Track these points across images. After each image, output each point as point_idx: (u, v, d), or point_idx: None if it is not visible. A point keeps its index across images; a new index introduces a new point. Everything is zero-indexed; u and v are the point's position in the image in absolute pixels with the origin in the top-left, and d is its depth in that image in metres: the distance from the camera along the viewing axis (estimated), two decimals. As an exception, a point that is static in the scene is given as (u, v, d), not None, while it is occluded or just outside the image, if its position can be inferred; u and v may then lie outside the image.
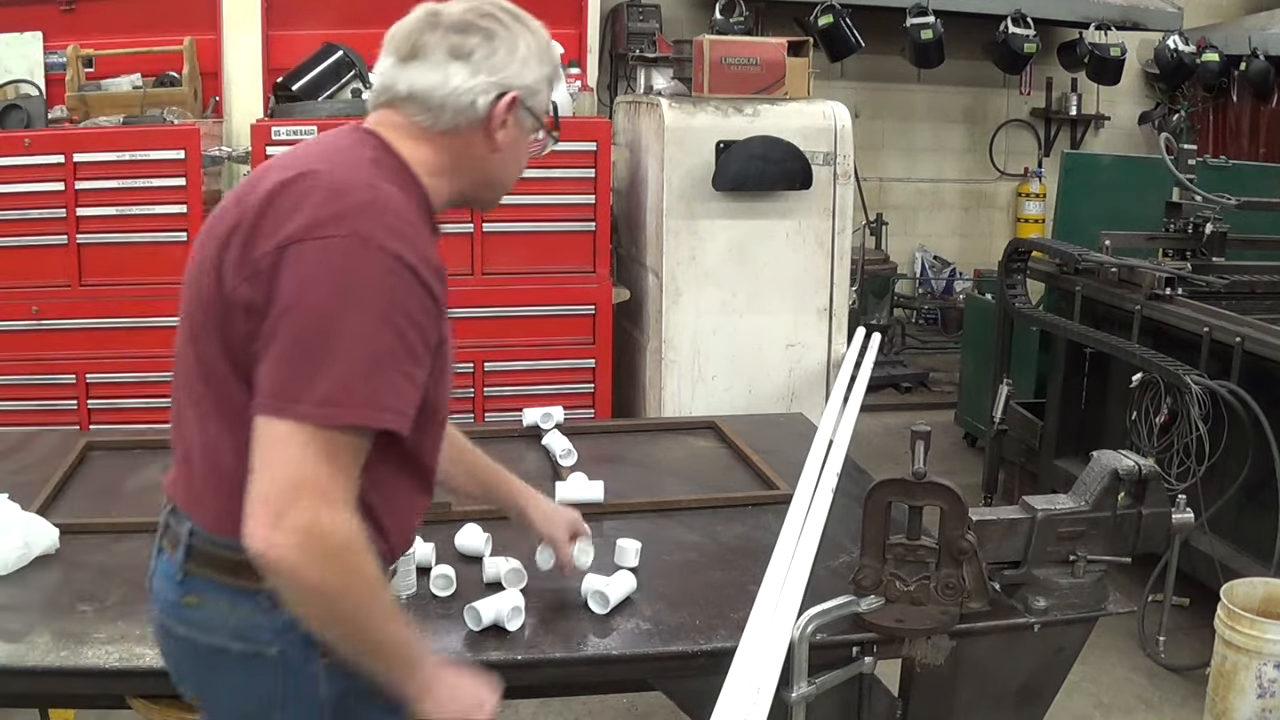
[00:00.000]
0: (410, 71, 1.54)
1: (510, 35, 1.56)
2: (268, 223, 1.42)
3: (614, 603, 2.07)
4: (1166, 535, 2.18)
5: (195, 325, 1.51)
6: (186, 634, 1.56)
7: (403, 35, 1.56)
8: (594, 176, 4.59)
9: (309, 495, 1.36)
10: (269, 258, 1.40)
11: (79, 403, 4.38)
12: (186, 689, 1.65)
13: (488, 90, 1.54)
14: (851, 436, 2.89)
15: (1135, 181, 5.52)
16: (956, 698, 2.12)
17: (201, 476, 1.53)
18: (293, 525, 1.35)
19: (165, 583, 1.59)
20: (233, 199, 1.54)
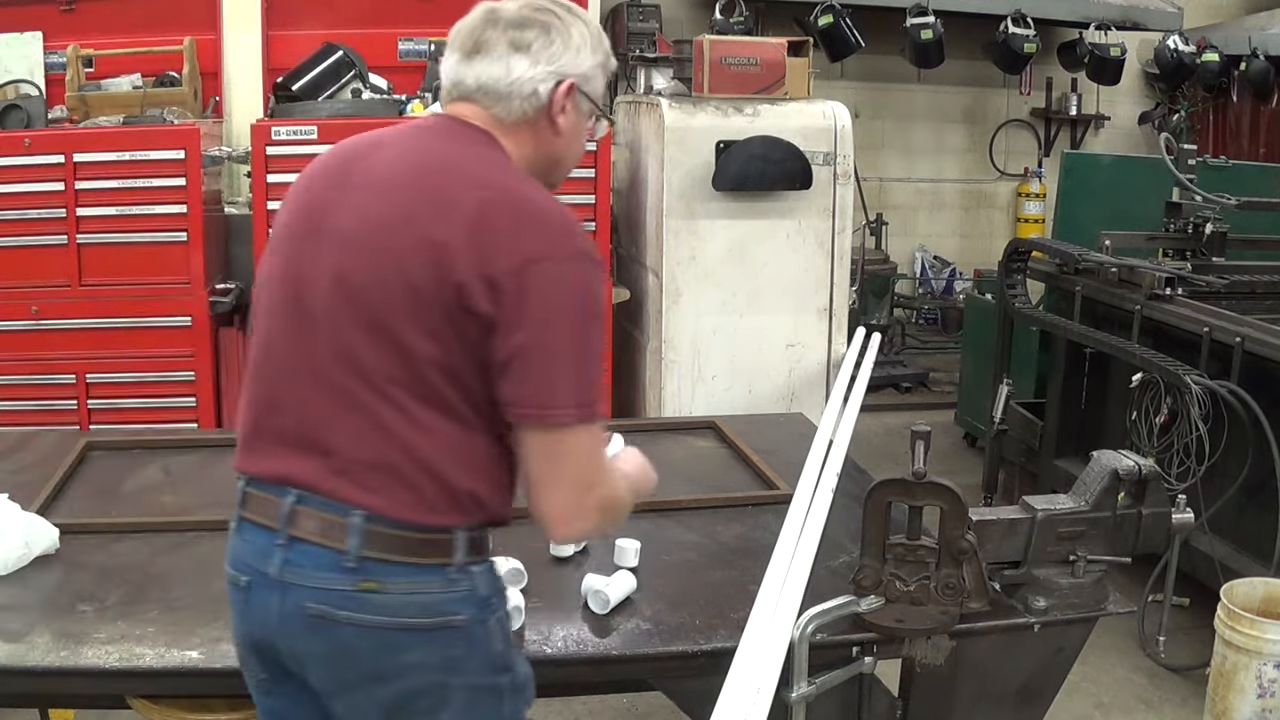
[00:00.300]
0: (476, 66, 1.69)
1: (564, 27, 1.71)
2: (497, 241, 1.56)
3: (614, 603, 2.07)
4: (1166, 535, 2.18)
5: (385, 318, 1.58)
6: (365, 619, 1.59)
7: (466, 33, 1.71)
8: (594, 176, 4.58)
9: (598, 484, 1.63)
10: (512, 278, 1.55)
11: (79, 403, 4.37)
12: (344, 671, 1.63)
13: (547, 79, 1.69)
14: (851, 436, 2.89)
15: (1135, 181, 5.52)
16: (956, 698, 2.12)
17: (379, 466, 1.59)
18: (593, 507, 1.62)
19: (324, 573, 1.60)
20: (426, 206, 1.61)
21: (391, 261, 1.59)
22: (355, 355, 1.60)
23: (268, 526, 1.65)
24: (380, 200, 1.64)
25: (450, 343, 1.58)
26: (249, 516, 1.69)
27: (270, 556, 1.63)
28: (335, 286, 1.62)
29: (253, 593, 1.66)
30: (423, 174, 1.65)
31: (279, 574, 1.62)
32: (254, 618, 1.67)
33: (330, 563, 1.60)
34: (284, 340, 1.67)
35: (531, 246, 1.57)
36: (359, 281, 1.61)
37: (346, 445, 1.61)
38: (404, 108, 4.67)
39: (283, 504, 1.63)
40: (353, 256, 1.62)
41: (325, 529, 1.60)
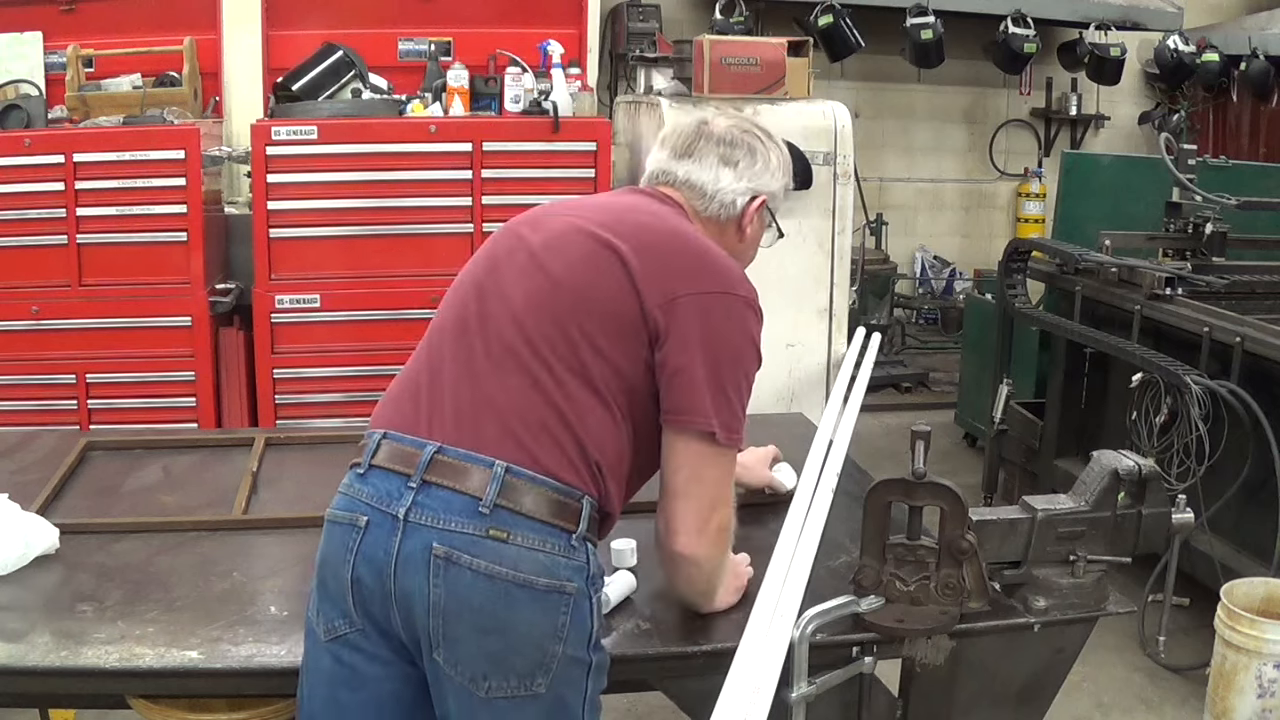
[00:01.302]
0: (685, 166, 1.98)
1: (766, 152, 2.01)
2: (677, 269, 1.81)
3: (614, 603, 2.07)
4: (1166, 535, 2.18)
5: (575, 310, 1.78)
6: (486, 567, 1.67)
7: (678, 137, 2.00)
8: (594, 176, 4.59)
9: (724, 504, 1.84)
10: (688, 301, 1.78)
11: (79, 403, 4.37)
12: (457, 618, 1.68)
13: (745, 193, 1.98)
14: (851, 436, 2.89)
15: (1135, 181, 5.52)
16: (956, 698, 2.12)
17: (533, 423, 1.73)
18: (715, 528, 1.83)
19: (455, 516, 1.69)
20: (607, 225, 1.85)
21: (580, 253, 1.81)
22: (527, 325, 1.77)
23: (402, 472, 1.73)
24: (583, 211, 1.90)
25: (618, 339, 1.77)
26: (380, 463, 1.76)
27: (399, 498, 1.71)
28: (524, 266, 1.83)
29: (371, 532, 1.72)
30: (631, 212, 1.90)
31: (406, 514, 1.70)
32: (367, 558, 1.72)
33: (464, 507, 1.69)
34: (465, 307, 1.85)
35: (711, 282, 1.81)
36: (547, 264, 1.82)
37: (504, 401, 1.74)
38: (404, 108, 4.67)
39: (423, 453, 1.73)
40: (547, 247, 1.84)
41: (464, 475, 1.70)
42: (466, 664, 1.70)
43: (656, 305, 1.76)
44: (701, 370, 1.76)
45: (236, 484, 2.64)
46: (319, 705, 1.80)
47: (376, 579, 1.71)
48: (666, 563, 1.89)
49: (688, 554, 1.84)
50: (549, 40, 4.89)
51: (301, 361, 4.50)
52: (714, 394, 1.76)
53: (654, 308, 1.76)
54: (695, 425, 1.77)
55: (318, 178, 4.41)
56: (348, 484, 1.81)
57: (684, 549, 1.83)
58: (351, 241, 4.46)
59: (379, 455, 1.77)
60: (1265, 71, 7.92)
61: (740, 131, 1.99)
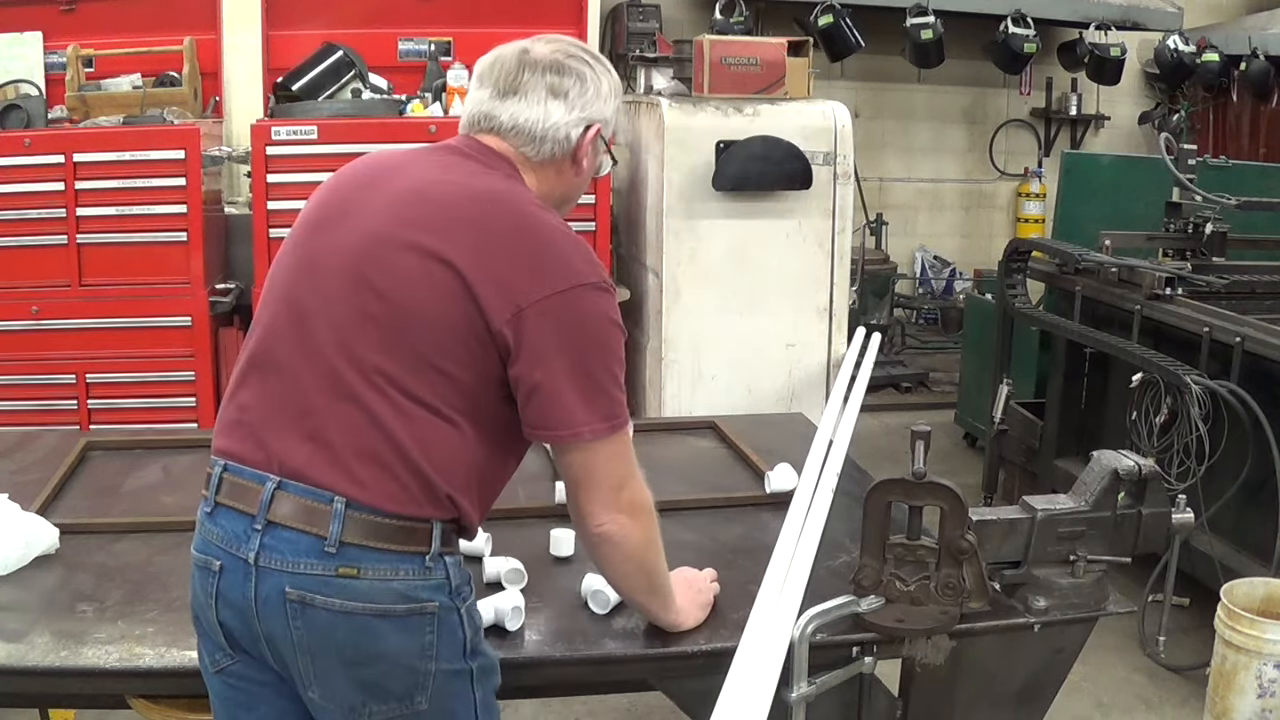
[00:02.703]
0: (510, 105, 1.78)
1: (595, 76, 1.83)
2: (518, 273, 1.66)
3: (614, 603, 2.06)
4: (1166, 535, 2.18)
5: (410, 332, 1.65)
6: (342, 605, 1.63)
7: (500, 72, 1.80)
8: (594, 176, 4.58)
9: (630, 480, 1.76)
10: (534, 310, 1.65)
11: (79, 403, 4.38)
12: (324, 656, 1.66)
13: (578, 124, 1.80)
14: (851, 436, 2.89)
15: (1135, 181, 5.52)
16: (956, 698, 2.12)
17: (368, 457, 1.64)
18: (625, 502, 1.75)
19: (305, 559, 1.63)
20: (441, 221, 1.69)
21: (411, 272, 1.66)
22: (356, 350, 1.66)
23: (245, 512, 1.67)
24: (406, 208, 1.71)
25: (462, 358, 1.65)
26: (225, 501, 1.70)
27: (246, 541, 1.66)
28: (346, 282, 1.68)
29: (225, 577, 1.68)
30: (451, 193, 1.72)
31: (256, 559, 1.65)
32: (228, 603, 1.69)
33: (310, 548, 1.63)
34: (287, 328, 1.72)
35: (555, 280, 1.67)
36: (373, 283, 1.67)
37: (337, 434, 1.65)
38: (404, 108, 4.67)
39: (263, 490, 1.66)
40: (370, 260, 1.68)
41: (306, 514, 1.64)
42: (342, 697, 1.68)
43: (503, 321, 1.64)
44: (564, 379, 1.66)
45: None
46: None
47: (241, 621, 1.69)
48: (593, 552, 1.82)
49: (605, 532, 1.75)
50: (549, 40, 4.88)
51: (301, 361, 4.50)
52: (583, 396, 1.67)
53: (501, 324, 1.64)
54: (567, 439, 1.69)
55: (318, 178, 4.36)
56: (200, 520, 1.75)
57: (598, 529, 1.75)
58: (351, 241, 4.46)
59: (223, 491, 1.70)
60: (1265, 71, 7.92)
61: (566, 56, 1.80)
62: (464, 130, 1.85)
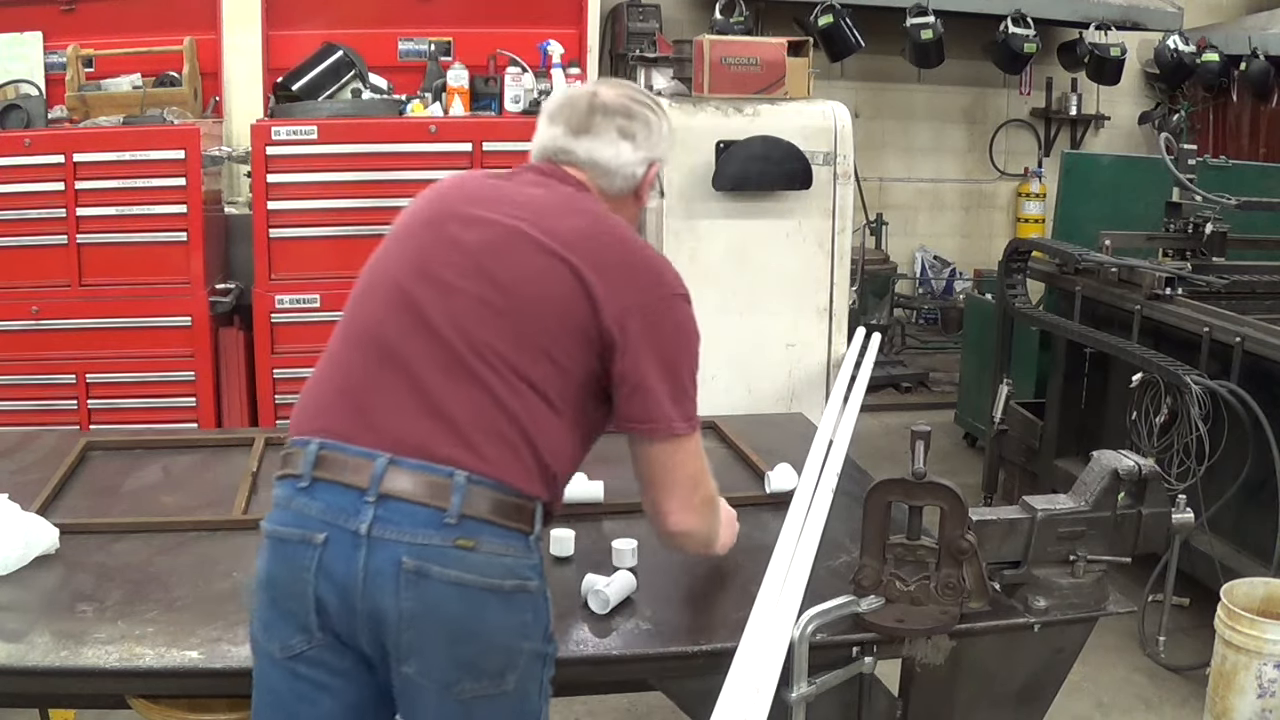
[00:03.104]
0: (585, 143, 1.96)
1: (658, 120, 2.03)
2: (626, 280, 1.83)
3: (614, 603, 2.07)
4: (1166, 535, 2.18)
5: (529, 321, 1.78)
6: (457, 576, 1.68)
7: (572, 112, 1.98)
8: (594, 176, 4.58)
9: (703, 478, 1.93)
10: (638, 312, 1.81)
11: (79, 403, 4.37)
12: (433, 629, 1.68)
13: (642, 163, 2.00)
14: (851, 436, 2.89)
15: (1135, 181, 5.52)
16: (956, 698, 2.12)
17: (491, 433, 1.73)
18: (699, 502, 1.93)
19: (425, 529, 1.68)
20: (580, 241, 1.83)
21: (531, 266, 1.79)
22: (475, 334, 1.76)
23: (353, 485, 1.70)
24: (523, 211, 1.85)
25: (571, 351, 1.79)
26: (325, 476, 1.72)
27: (357, 514, 1.69)
28: (463, 273, 1.80)
29: (330, 549, 1.69)
30: (565, 212, 1.87)
31: (369, 530, 1.68)
32: (330, 576, 1.69)
33: (428, 519, 1.68)
34: (397, 313, 1.80)
35: (654, 289, 1.86)
36: (493, 274, 1.79)
37: (459, 411, 1.73)
38: (404, 108, 4.67)
39: (374, 465, 1.70)
40: (489, 252, 1.81)
41: (426, 488, 1.69)
42: (438, 671, 1.70)
43: (612, 319, 1.79)
44: (660, 379, 1.82)
45: (236, 484, 2.63)
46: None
47: (342, 597, 1.69)
48: (664, 540, 1.98)
49: (681, 530, 1.92)
50: (549, 40, 4.90)
51: (301, 361, 4.50)
52: (673, 396, 1.83)
53: (610, 322, 1.78)
54: (660, 432, 1.84)
55: (317, 178, 4.41)
56: (287, 497, 1.75)
57: (676, 526, 1.91)
58: (352, 241, 4.46)
59: (321, 467, 1.73)
60: (1265, 71, 7.91)
61: (632, 102, 2.00)
62: (536, 159, 2.00)
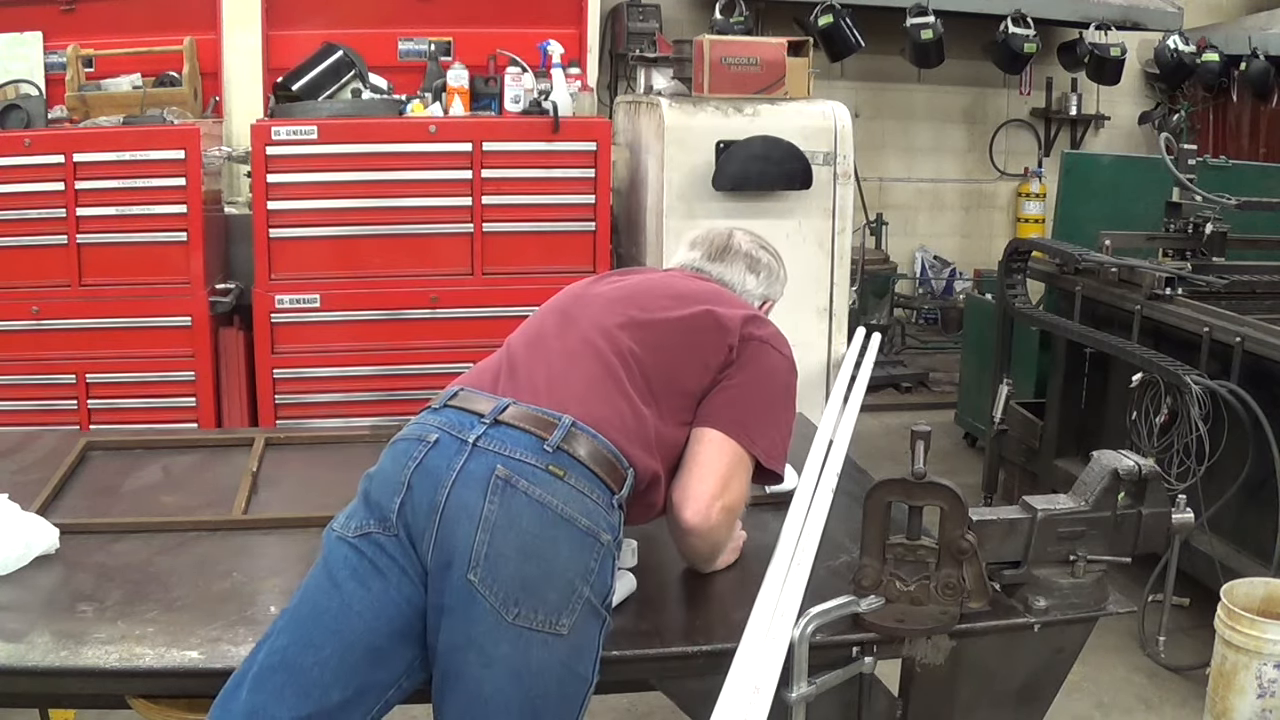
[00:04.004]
0: (719, 267, 2.37)
1: (779, 268, 2.45)
2: (749, 321, 2.16)
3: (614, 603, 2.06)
4: (1166, 535, 2.18)
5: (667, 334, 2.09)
6: (541, 494, 1.82)
7: (711, 245, 2.40)
8: (594, 176, 4.59)
9: (737, 485, 2.06)
10: (754, 342, 2.14)
11: (79, 403, 4.37)
12: (501, 539, 1.77)
13: (761, 298, 2.41)
14: (851, 436, 2.89)
15: (1135, 181, 5.52)
16: (956, 698, 2.12)
17: (603, 396, 1.97)
18: (721, 506, 2.03)
19: (524, 450, 1.85)
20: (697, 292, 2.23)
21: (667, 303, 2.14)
22: (613, 335, 2.05)
23: (475, 412, 1.91)
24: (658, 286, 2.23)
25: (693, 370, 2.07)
26: (455, 404, 1.94)
27: (472, 428, 1.87)
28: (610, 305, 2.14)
29: (437, 448, 1.85)
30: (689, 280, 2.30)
31: (476, 440, 1.85)
32: (426, 469, 1.83)
33: (530, 443, 1.86)
34: (550, 325, 2.12)
35: (769, 331, 2.18)
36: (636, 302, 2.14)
37: (579, 380, 1.98)
38: (404, 108, 4.67)
39: (497, 403, 1.92)
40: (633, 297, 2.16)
41: (535, 421, 1.89)
42: (502, 585, 1.76)
43: (738, 338, 2.10)
44: (756, 392, 2.09)
45: (236, 484, 2.64)
46: (320, 592, 1.83)
47: (430, 489, 1.81)
48: (674, 530, 2.08)
49: (693, 525, 2.01)
50: (549, 40, 4.89)
51: (301, 361, 4.50)
52: (762, 415, 2.09)
53: (736, 341, 2.09)
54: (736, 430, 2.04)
55: (317, 178, 4.41)
56: (420, 418, 1.95)
57: (690, 519, 2.01)
58: (351, 241, 4.46)
59: (455, 399, 1.95)
60: (1265, 71, 7.91)
61: (760, 248, 2.41)
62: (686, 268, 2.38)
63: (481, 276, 4.55)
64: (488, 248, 4.54)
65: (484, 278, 4.55)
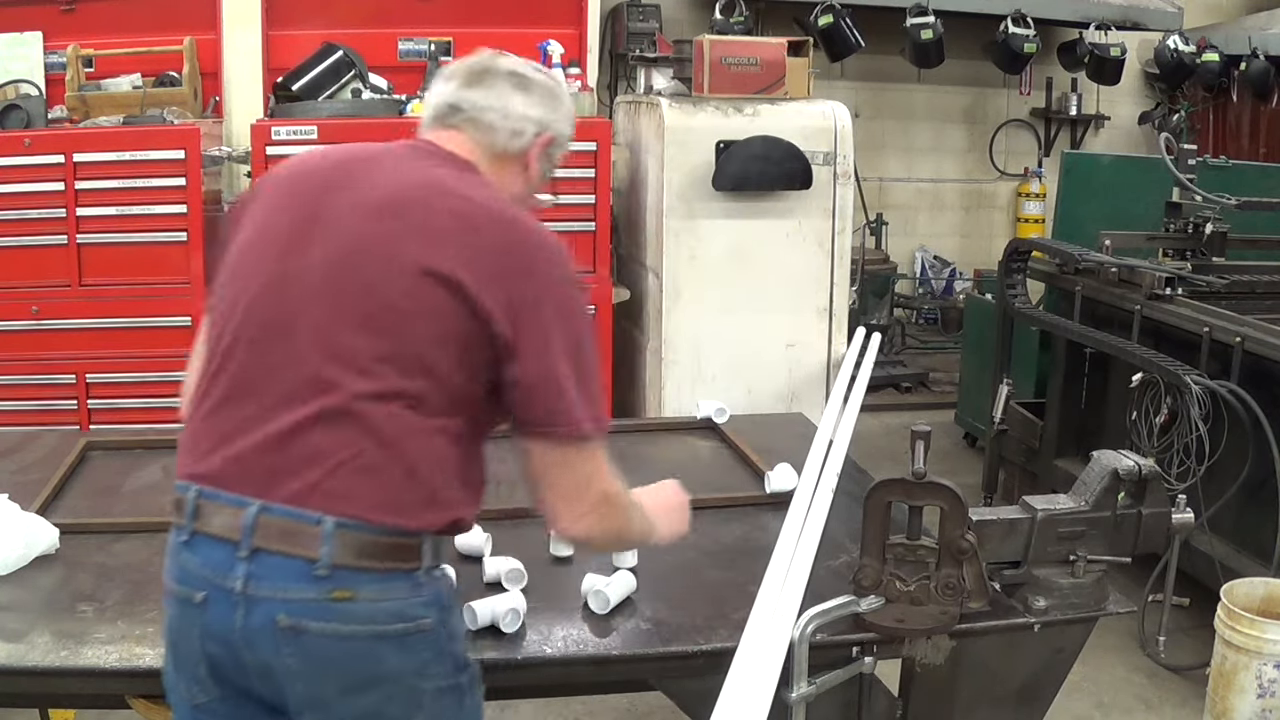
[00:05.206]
0: (473, 94, 1.82)
1: (561, 92, 1.90)
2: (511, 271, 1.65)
3: (614, 603, 2.07)
4: (1166, 535, 2.18)
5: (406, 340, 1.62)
6: (337, 629, 1.59)
7: (466, 68, 1.85)
8: (594, 176, 4.59)
9: (597, 479, 1.72)
10: (529, 307, 1.64)
11: (79, 403, 4.37)
12: (320, 684, 1.62)
13: (534, 124, 1.83)
14: (851, 436, 2.89)
15: (1135, 181, 5.51)
16: (956, 698, 2.12)
17: (358, 468, 1.60)
18: (593, 500, 1.71)
19: (296, 584, 1.58)
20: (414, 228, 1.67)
21: (401, 282, 1.63)
22: (344, 359, 1.61)
23: (227, 539, 1.61)
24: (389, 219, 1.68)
25: (455, 361, 1.63)
26: (204, 529, 1.63)
27: (231, 570, 1.60)
28: (326, 295, 1.64)
29: (211, 609, 1.62)
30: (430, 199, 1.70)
31: (243, 589, 1.59)
32: (215, 636, 1.63)
33: (299, 573, 1.58)
34: (262, 341, 1.66)
35: (544, 272, 1.68)
36: (360, 294, 1.63)
37: (324, 446, 1.60)
38: (404, 108, 4.67)
39: (244, 513, 1.60)
40: (353, 271, 1.65)
41: (294, 537, 1.58)
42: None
43: (503, 320, 1.63)
44: (564, 374, 1.65)
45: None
46: None
47: (230, 654, 1.63)
48: (573, 543, 1.95)
49: (575, 534, 1.77)
50: (549, 40, 4.89)
51: (301, 361, 4.50)
52: (581, 392, 1.66)
53: (502, 324, 1.63)
54: (565, 432, 1.66)
55: (318, 178, 4.40)
56: (175, 549, 1.68)
57: (568, 530, 1.75)
58: (351, 241, 4.46)
59: (200, 519, 1.63)
60: (1265, 71, 7.91)
61: (534, 70, 1.88)
62: (426, 124, 1.86)
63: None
64: (488, 247, 4.54)
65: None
